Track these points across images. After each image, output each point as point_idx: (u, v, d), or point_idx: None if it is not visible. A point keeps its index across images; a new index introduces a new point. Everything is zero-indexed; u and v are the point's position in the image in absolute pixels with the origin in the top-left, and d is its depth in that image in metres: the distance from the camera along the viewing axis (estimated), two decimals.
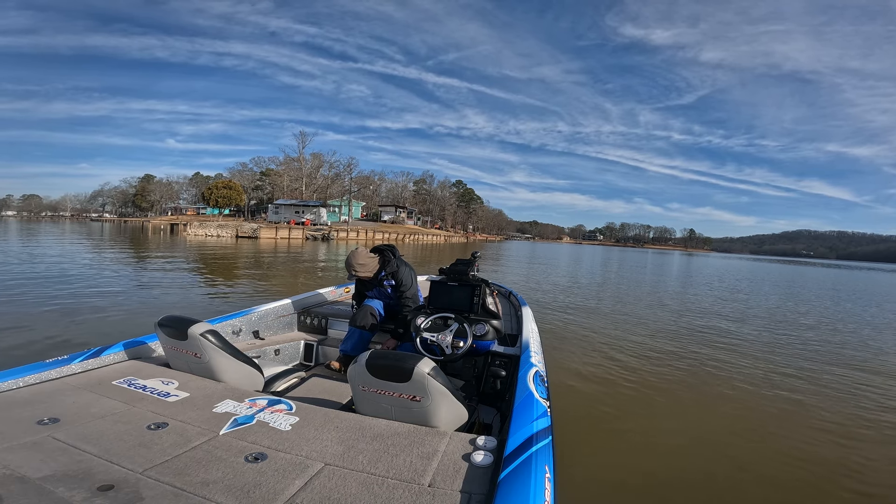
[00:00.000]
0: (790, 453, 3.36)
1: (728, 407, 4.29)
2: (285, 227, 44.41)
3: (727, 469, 3.09)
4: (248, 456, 1.34)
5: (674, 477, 2.94)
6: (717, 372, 5.38)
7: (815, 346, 7.30)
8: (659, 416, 3.98)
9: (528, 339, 2.65)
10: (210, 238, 36.53)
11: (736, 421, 3.98)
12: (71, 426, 1.46)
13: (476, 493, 1.23)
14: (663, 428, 3.73)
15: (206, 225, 42.48)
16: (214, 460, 1.31)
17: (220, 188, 62.64)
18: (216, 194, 61.62)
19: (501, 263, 24.00)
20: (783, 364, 5.94)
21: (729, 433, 3.70)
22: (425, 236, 63.79)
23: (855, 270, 60.54)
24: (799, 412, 4.23)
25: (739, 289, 17.72)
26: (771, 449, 3.42)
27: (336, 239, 43.53)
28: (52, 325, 5.67)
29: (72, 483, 1.15)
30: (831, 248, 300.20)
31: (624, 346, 6.39)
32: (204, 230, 40.80)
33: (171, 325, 2.00)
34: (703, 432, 3.69)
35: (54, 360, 1.97)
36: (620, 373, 5.10)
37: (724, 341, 7.19)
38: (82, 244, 21.66)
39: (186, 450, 1.36)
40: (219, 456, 1.34)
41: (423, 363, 1.61)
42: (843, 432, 3.79)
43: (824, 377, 5.39)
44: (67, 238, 26.39)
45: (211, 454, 1.35)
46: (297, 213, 59.19)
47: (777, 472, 3.09)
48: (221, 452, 1.36)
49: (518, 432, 1.50)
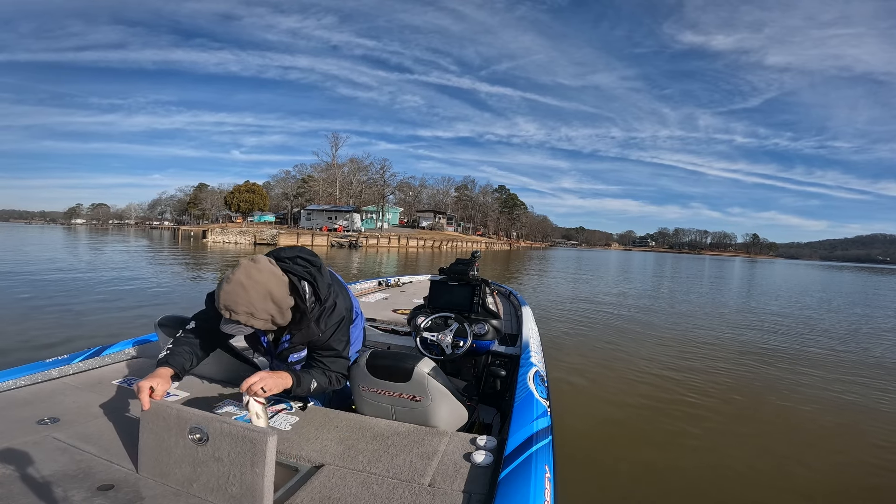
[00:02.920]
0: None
1: (738, 416, 4.16)
2: (308, 233, 42.88)
3: (729, 469, 3.11)
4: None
5: (674, 477, 2.98)
6: (734, 383, 5.14)
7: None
8: (662, 416, 3.97)
9: (528, 339, 2.62)
10: (228, 245, 36.02)
11: (738, 426, 3.92)
12: (71, 426, 1.47)
13: (476, 492, 1.24)
14: (664, 429, 3.73)
15: (228, 231, 42.10)
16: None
17: (243, 192, 62.34)
18: (238, 199, 61.38)
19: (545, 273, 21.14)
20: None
21: (731, 438, 3.66)
22: (465, 243, 61.21)
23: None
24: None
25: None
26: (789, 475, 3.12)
27: (365, 246, 41.81)
28: (53, 324, 5.94)
29: (72, 483, 1.16)
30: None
31: (633, 349, 6.50)
32: (223, 237, 40.48)
33: (171, 325, 1.92)
34: (706, 435, 3.67)
35: (54, 360, 1.97)
36: (625, 374, 5.28)
37: (750, 349, 7.02)
38: (105, 248, 22.32)
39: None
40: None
41: (424, 363, 1.63)
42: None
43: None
44: (100, 243, 27.14)
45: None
46: (330, 219, 57.95)
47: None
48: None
49: (518, 432, 1.50)
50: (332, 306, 1.64)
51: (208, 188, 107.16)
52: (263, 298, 1.43)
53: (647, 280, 22.39)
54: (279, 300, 1.46)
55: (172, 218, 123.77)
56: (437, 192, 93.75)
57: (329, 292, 1.65)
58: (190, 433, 1.20)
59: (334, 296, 1.67)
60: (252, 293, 1.40)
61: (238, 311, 1.41)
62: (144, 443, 1.27)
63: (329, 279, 1.68)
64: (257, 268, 1.44)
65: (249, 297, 1.40)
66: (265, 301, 1.43)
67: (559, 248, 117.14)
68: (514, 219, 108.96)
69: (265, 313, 1.45)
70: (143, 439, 1.27)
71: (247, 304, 1.41)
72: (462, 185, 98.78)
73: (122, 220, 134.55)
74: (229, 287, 1.41)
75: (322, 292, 1.60)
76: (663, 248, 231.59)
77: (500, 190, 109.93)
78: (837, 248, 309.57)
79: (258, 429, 1.24)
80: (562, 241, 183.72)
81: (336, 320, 1.65)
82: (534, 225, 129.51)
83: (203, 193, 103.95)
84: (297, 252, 1.64)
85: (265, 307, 1.44)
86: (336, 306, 1.65)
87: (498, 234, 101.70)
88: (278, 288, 1.46)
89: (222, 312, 1.44)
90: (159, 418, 1.26)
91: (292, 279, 1.52)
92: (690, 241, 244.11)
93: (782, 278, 29.73)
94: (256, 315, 1.43)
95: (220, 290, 1.43)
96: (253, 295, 1.40)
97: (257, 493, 1.15)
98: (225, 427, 1.22)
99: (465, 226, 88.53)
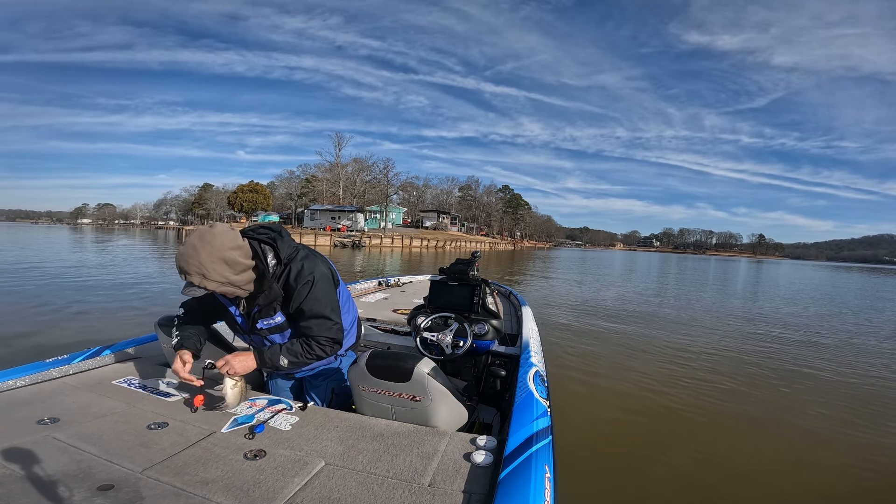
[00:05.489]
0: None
1: (738, 417, 4.13)
2: (311, 233, 42.92)
3: (729, 470, 3.12)
4: (248, 455, 1.35)
5: (674, 477, 2.98)
6: (735, 384, 5.13)
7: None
8: (661, 417, 3.98)
9: (528, 339, 2.59)
10: None
11: (739, 427, 3.93)
12: (71, 426, 1.48)
13: (476, 492, 1.24)
14: (665, 429, 3.74)
15: None
16: (214, 459, 1.32)
17: (246, 192, 62.34)
18: (241, 198, 61.38)
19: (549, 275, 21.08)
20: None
21: (731, 439, 3.65)
22: (468, 243, 61.06)
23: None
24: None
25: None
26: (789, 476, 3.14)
27: (368, 246, 41.77)
28: (53, 324, 5.97)
29: (72, 483, 1.16)
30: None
31: (634, 350, 6.51)
32: None
33: (171, 325, 1.90)
34: (706, 435, 3.69)
35: (54, 360, 1.97)
36: (625, 374, 5.28)
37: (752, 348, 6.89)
38: (110, 246, 22.34)
39: (186, 449, 1.37)
40: (218, 455, 1.35)
41: (423, 363, 1.63)
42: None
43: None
44: (105, 243, 27.26)
45: (211, 453, 1.35)
46: (334, 218, 58.06)
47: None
48: (221, 451, 1.37)
49: (518, 432, 1.49)
50: (299, 267, 1.68)
51: (213, 188, 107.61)
52: (215, 259, 1.48)
53: (651, 281, 22.31)
54: (231, 261, 1.51)
55: (177, 218, 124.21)
56: (441, 191, 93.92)
57: (293, 254, 1.71)
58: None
59: (302, 259, 1.71)
60: (202, 253, 1.46)
61: (190, 271, 1.47)
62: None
63: (292, 243, 1.74)
64: (211, 231, 1.50)
65: (200, 257, 1.46)
66: (216, 262, 1.48)
67: (563, 249, 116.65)
68: (518, 219, 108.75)
69: (218, 274, 1.49)
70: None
71: (198, 265, 1.46)
72: (466, 185, 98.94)
73: (127, 220, 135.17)
74: (182, 249, 1.49)
75: (283, 253, 1.66)
76: (668, 248, 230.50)
77: (504, 190, 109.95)
78: (844, 249, 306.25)
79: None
80: (566, 241, 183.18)
81: (307, 279, 1.68)
82: (538, 225, 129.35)
83: (208, 193, 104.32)
84: (260, 224, 1.75)
85: (216, 268, 1.48)
86: (304, 267, 1.69)
87: (502, 234, 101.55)
88: (231, 249, 1.51)
89: (180, 276, 1.52)
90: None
91: (252, 243, 1.61)
92: (695, 241, 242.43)
93: (787, 281, 29.47)
94: (209, 276, 1.48)
95: (176, 254, 1.52)
96: (203, 255, 1.46)
97: (258, 493, 1.15)
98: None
99: (469, 226, 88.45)
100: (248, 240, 1.62)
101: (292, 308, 1.70)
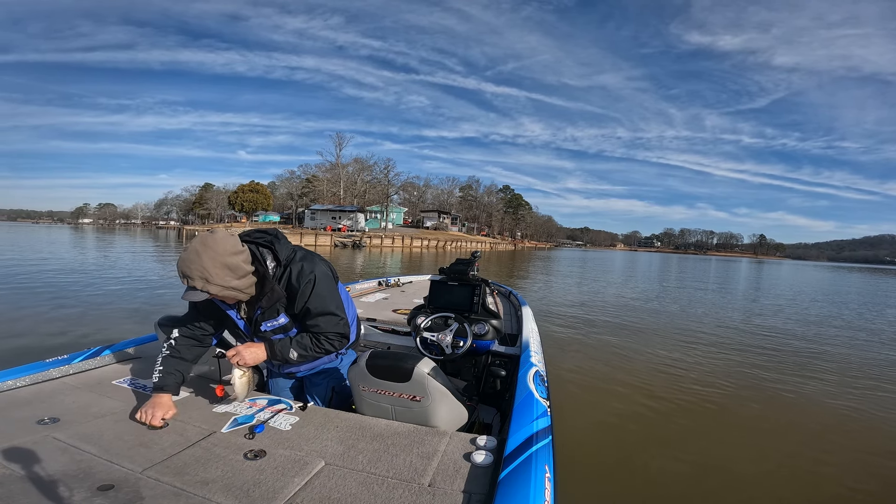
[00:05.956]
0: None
1: (738, 417, 4.15)
2: (312, 233, 42.80)
3: (729, 470, 3.10)
4: (248, 455, 1.35)
5: (674, 477, 2.97)
6: (736, 385, 5.12)
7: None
8: (662, 417, 3.97)
9: (528, 339, 2.60)
10: None
11: (739, 427, 3.94)
12: (71, 426, 1.48)
13: (476, 492, 1.24)
14: (665, 429, 3.74)
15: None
16: (214, 459, 1.33)
17: (246, 192, 62.30)
18: (242, 198, 61.35)
19: (550, 275, 21.09)
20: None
21: (732, 440, 3.68)
22: (469, 243, 61.01)
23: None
24: None
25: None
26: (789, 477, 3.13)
27: (369, 246, 41.70)
28: (53, 324, 6.01)
29: (72, 483, 1.16)
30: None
31: (635, 350, 6.45)
32: None
33: (171, 325, 1.91)
34: (706, 436, 3.70)
35: (54, 360, 1.98)
36: (625, 374, 5.27)
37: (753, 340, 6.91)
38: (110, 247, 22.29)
39: (186, 449, 1.38)
40: (218, 455, 1.35)
41: (424, 363, 1.64)
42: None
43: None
44: (106, 242, 27.28)
45: (211, 453, 1.36)
46: (334, 218, 58.02)
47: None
48: (221, 451, 1.37)
49: (518, 432, 1.49)
50: (299, 267, 1.70)
51: (214, 188, 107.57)
52: (217, 264, 1.51)
53: (652, 282, 22.27)
54: (233, 266, 1.54)
55: (178, 218, 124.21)
56: (442, 192, 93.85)
57: (291, 256, 1.73)
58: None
59: (301, 259, 1.73)
60: (205, 258, 1.49)
61: (193, 275, 1.50)
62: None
63: (289, 245, 1.76)
64: (213, 237, 1.54)
65: (202, 261, 1.49)
66: (219, 267, 1.51)
67: (564, 249, 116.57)
68: (519, 219, 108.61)
69: (220, 279, 1.52)
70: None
71: (200, 270, 1.49)
72: (467, 185, 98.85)
73: (128, 220, 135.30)
74: (185, 255, 1.51)
75: (281, 255, 1.69)
76: (669, 248, 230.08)
77: (505, 190, 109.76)
78: (845, 249, 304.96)
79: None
80: (566, 241, 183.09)
81: (308, 278, 1.71)
82: (538, 225, 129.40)
83: (208, 193, 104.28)
84: (255, 229, 1.77)
85: (219, 272, 1.51)
86: (304, 267, 1.71)
87: (502, 234, 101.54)
88: (233, 254, 1.55)
89: (181, 280, 1.53)
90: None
91: (251, 247, 1.63)
92: (696, 241, 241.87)
93: (787, 281, 29.43)
94: (211, 280, 1.51)
95: (178, 260, 1.53)
96: (206, 259, 1.49)
97: (258, 493, 1.16)
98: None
99: (470, 226, 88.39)
100: (246, 245, 1.64)
101: (297, 308, 1.73)
